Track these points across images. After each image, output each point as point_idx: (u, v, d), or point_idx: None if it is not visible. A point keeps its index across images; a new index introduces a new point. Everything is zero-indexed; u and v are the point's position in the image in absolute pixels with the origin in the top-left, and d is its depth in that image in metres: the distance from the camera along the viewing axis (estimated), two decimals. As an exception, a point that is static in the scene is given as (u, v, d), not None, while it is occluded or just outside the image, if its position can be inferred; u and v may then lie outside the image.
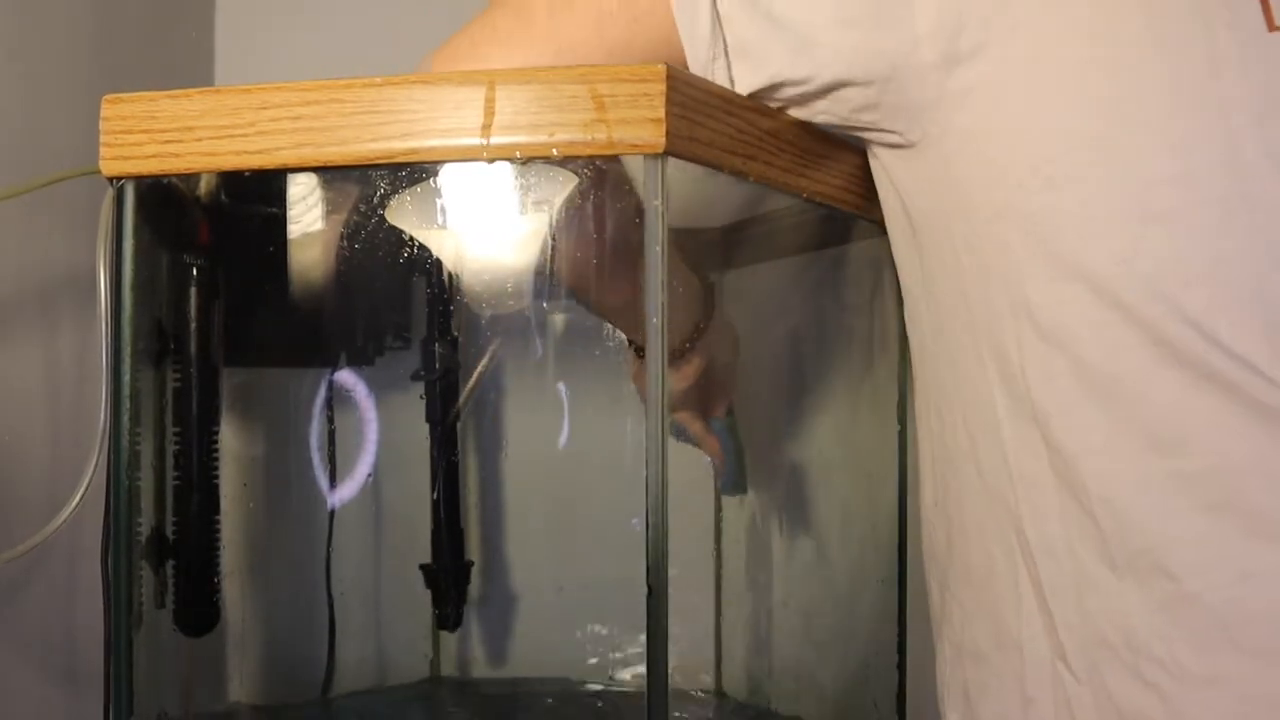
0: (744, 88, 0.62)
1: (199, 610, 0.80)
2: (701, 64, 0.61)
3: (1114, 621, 0.52)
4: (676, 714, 0.94)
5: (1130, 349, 0.52)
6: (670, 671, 0.58)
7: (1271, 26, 0.51)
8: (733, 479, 0.93)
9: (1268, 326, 0.50)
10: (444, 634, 1.02)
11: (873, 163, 0.67)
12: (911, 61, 0.57)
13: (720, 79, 0.62)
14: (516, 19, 0.63)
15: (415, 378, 0.92)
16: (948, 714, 0.63)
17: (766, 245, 0.95)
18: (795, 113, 0.64)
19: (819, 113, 0.63)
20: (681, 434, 0.88)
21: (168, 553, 0.79)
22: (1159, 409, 0.51)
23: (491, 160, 0.58)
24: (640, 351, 0.77)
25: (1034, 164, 0.54)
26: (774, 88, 0.61)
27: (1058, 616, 0.54)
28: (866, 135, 0.64)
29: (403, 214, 0.75)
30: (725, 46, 0.61)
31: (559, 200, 0.70)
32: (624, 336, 0.78)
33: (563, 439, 0.95)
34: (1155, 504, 0.51)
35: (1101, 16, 0.53)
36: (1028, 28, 0.54)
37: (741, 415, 0.93)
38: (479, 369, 0.94)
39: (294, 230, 0.79)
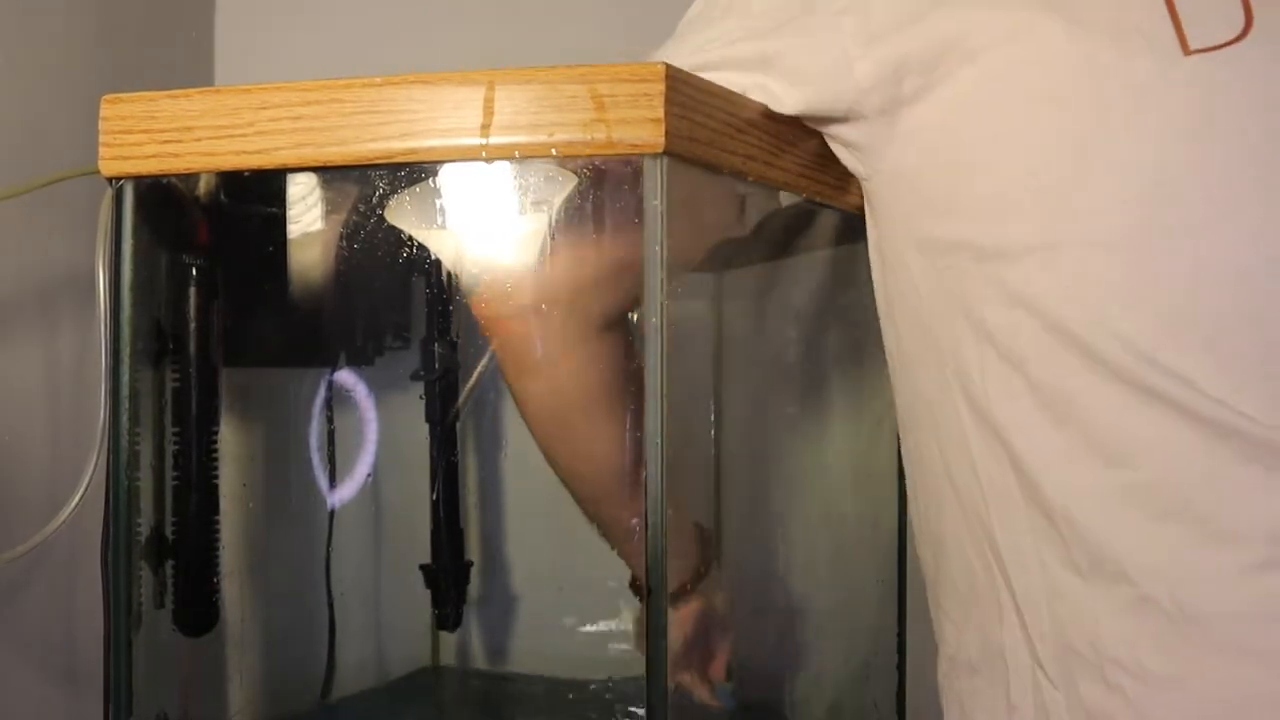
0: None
1: (198, 610, 0.80)
2: None
3: (1081, 627, 0.53)
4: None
5: (1078, 371, 0.53)
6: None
7: (1186, 50, 0.53)
8: None
9: (1204, 344, 0.51)
10: (444, 634, 1.03)
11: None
12: (863, 108, 0.60)
13: None
14: None
15: (415, 378, 0.92)
16: None
17: (766, 246, 0.95)
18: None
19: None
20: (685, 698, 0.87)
21: (167, 553, 0.79)
22: (1107, 426, 0.53)
23: (491, 160, 0.58)
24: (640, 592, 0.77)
25: (981, 198, 0.57)
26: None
27: (1031, 625, 0.56)
28: (845, 160, 0.67)
29: (402, 214, 0.75)
30: None
31: (559, 200, 0.70)
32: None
33: (562, 439, 0.94)
34: (1110, 514, 0.53)
35: (1034, 55, 0.55)
36: (966, 70, 0.56)
37: (741, 413, 0.93)
38: (479, 369, 0.94)
39: (293, 230, 0.79)
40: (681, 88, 0.57)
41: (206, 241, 0.77)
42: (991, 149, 0.56)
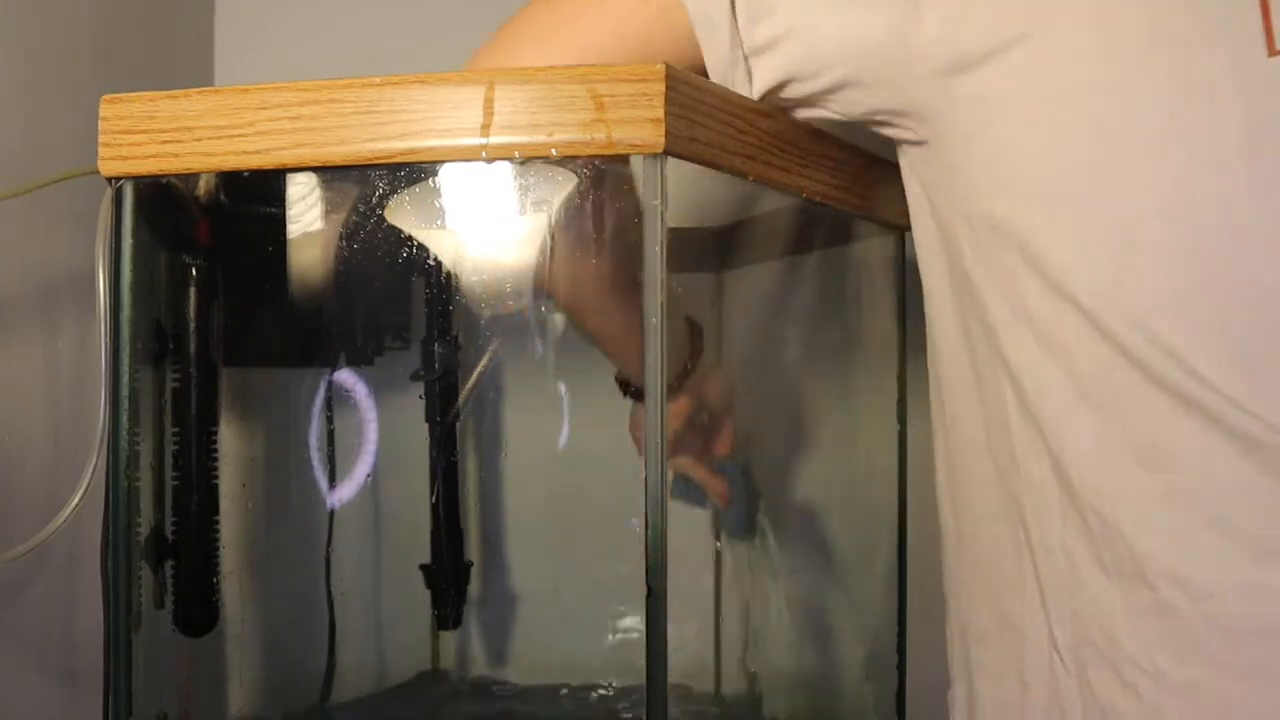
0: (761, 85, 0.62)
1: (198, 610, 0.80)
2: (722, 65, 0.62)
3: (1099, 622, 0.53)
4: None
5: (1117, 369, 0.52)
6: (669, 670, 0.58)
7: (1272, 51, 0.50)
8: (741, 521, 0.91)
9: (1243, 359, 0.50)
10: (443, 634, 1.03)
11: (900, 158, 0.66)
12: (917, 68, 0.57)
13: (739, 81, 0.63)
14: (548, 17, 0.64)
15: (415, 378, 0.92)
16: (954, 685, 0.65)
17: (765, 245, 0.95)
18: (810, 114, 0.64)
19: (833, 113, 0.63)
20: (684, 490, 0.86)
21: (167, 553, 0.79)
22: (1145, 428, 0.52)
23: (490, 160, 0.58)
24: (630, 391, 0.77)
25: (1029, 181, 0.55)
26: (784, 85, 0.62)
27: (1052, 611, 0.56)
28: (884, 132, 0.64)
29: (402, 214, 0.75)
30: (743, 51, 0.62)
31: (558, 200, 0.70)
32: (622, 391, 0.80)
33: (562, 439, 0.95)
34: (1139, 515, 0.52)
35: (1105, 40, 0.53)
36: (1034, 44, 0.54)
37: (740, 416, 0.92)
38: (479, 369, 0.94)
39: (293, 230, 0.79)
40: (681, 88, 0.57)
41: (206, 241, 0.77)
42: (1047, 134, 0.54)
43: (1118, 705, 0.52)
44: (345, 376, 0.93)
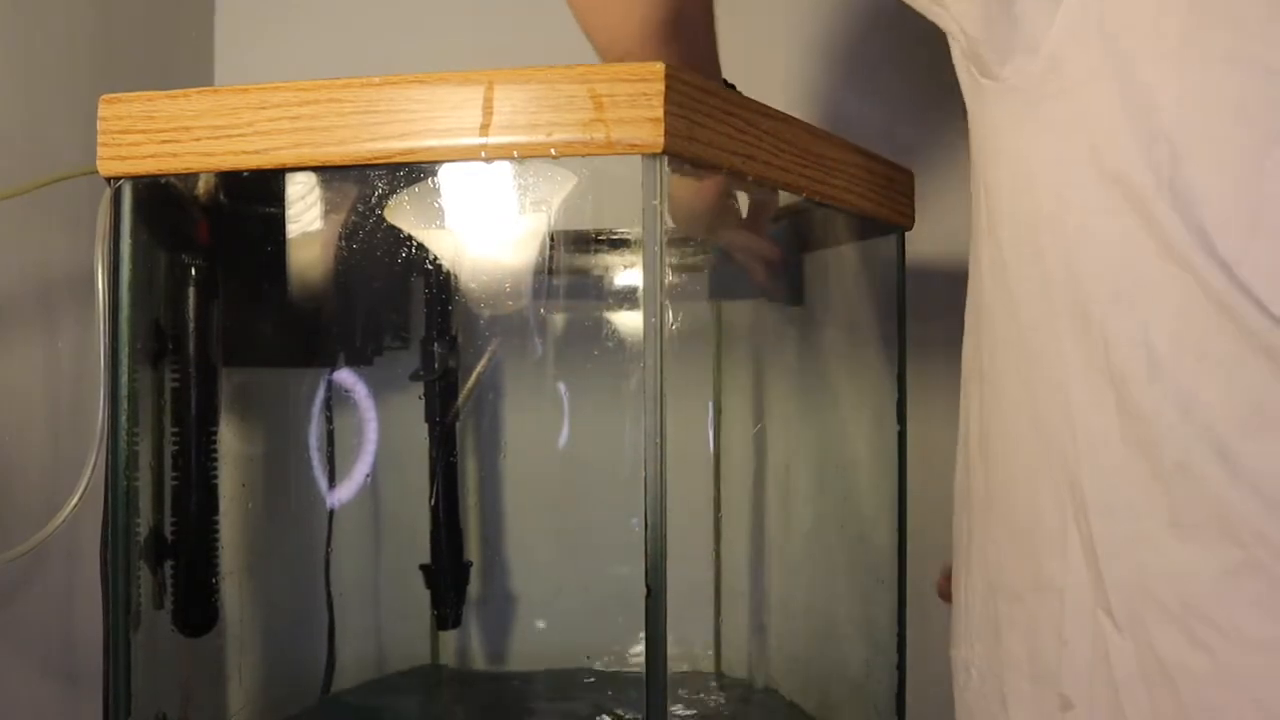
0: None
1: (198, 610, 0.80)
2: None
3: (1170, 583, 0.52)
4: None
5: (1222, 332, 0.51)
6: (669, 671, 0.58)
7: None
8: (791, 285, 0.86)
9: None
10: (443, 634, 1.03)
11: (963, 81, 0.62)
12: None
13: None
14: None
15: (414, 378, 0.92)
16: (970, 644, 0.63)
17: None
18: None
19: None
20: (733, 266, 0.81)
21: (167, 552, 0.79)
22: (1247, 391, 0.50)
23: (490, 160, 0.58)
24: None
25: (1152, 135, 0.52)
26: None
27: (1106, 572, 0.54)
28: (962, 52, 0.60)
29: (401, 214, 0.75)
30: None
31: (558, 200, 0.70)
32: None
33: (562, 439, 0.95)
34: (1236, 477, 0.51)
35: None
36: None
37: (741, 412, 0.93)
38: (478, 369, 0.94)
39: (292, 230, 0.79)
40: (681, 87, 0.57)
41: (206, 241, 0.77)
42: (1172, 82, 0.51)
43: (1187, 663, 0.51)
44: (345, 376, 0.93)
